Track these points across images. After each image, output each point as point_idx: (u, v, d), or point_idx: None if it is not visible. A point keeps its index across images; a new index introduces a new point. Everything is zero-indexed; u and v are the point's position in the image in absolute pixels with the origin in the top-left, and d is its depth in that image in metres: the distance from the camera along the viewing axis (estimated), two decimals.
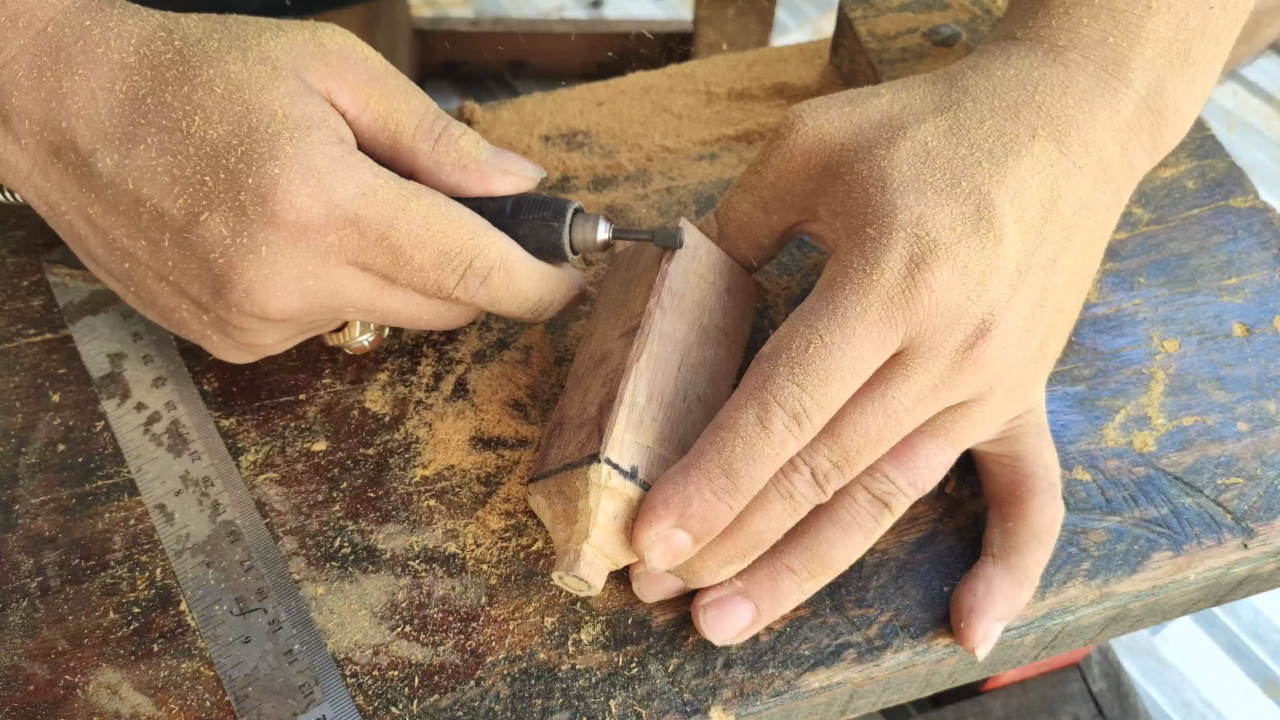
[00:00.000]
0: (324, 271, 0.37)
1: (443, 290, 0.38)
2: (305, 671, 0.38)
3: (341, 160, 0.36)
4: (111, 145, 0.36)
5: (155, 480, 0.42)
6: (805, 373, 0.34)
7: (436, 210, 0.37)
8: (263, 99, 0.36)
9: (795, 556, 0.37)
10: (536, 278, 0.40)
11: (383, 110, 0.39)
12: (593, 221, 0.40)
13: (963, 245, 0.35)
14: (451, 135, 0.39)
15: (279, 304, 0.37)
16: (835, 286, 0.35)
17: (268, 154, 0.35)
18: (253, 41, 0.37)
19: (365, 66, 0.39)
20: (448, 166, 0.39)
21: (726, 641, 0.38)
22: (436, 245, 0.37)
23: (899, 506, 0.38)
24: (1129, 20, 0.39)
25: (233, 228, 0.36)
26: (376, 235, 0.36)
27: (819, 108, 0.40)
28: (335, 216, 0.36)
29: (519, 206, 0.40)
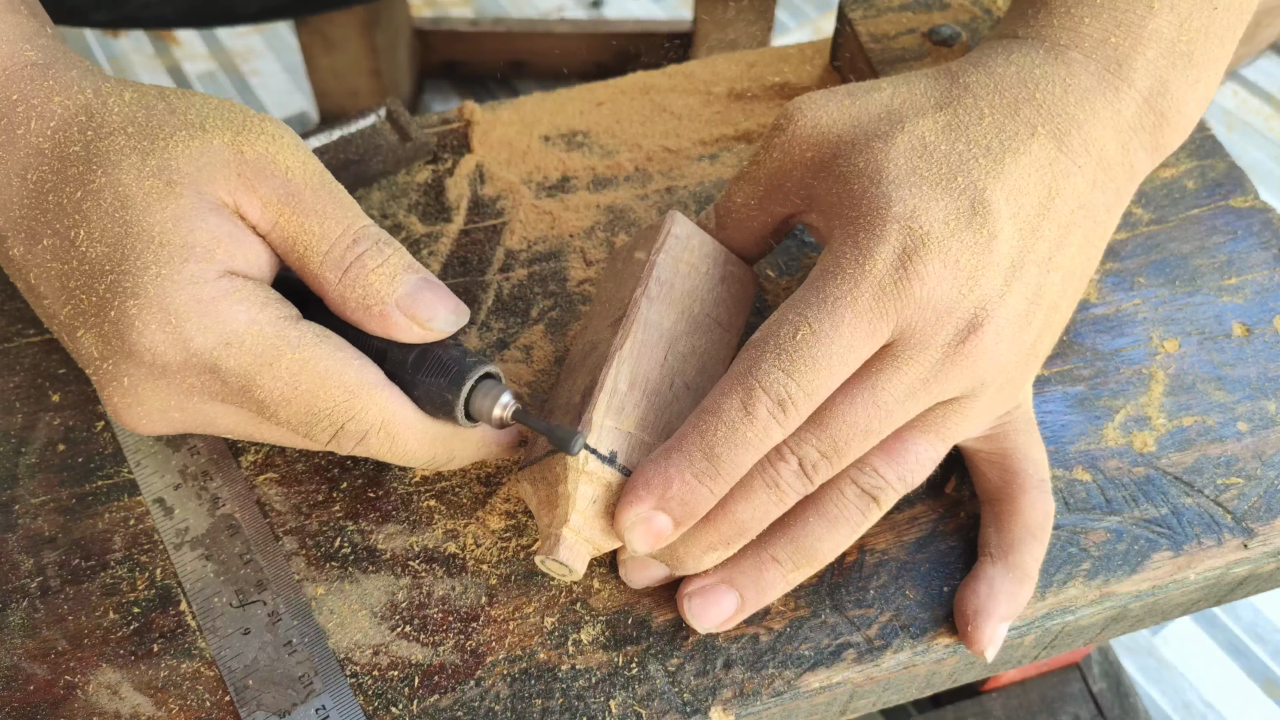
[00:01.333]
0: (188, 406, 0.36)
1: (315, 444, 0.37)
2: (304, 663, 0.38)
3: (211, 302, 0.34)
4: (19, 236, 0.36)
5: (154, 475, 0.42)
6: (792, 359, 0.34)
7: (310, 367, 0.35)
8: (144, 221, 0.34)
9: (781, 547, 0.37)
10: (426, 438, 0.37)
11: (292, 231, 0.36)
12: (494, 396, 0.36)
13: (955, 239, 0.35)
14: (364, 268, 0.36)
15: (147, 428, 0.37)
16: (827, 276, 0.36)
17: (130, 289, 0.34)
18: (160, 144, 0.35)
19: (283, 179, 0.36)
20: (351, 304, 0.36)
21: (710, 629, 0.38)
22: (303, 404, 0.35)
23: (886, 501, 0.38)
24: (1131, 20, 0.38)
25: (101, 351, 0.35)
26: (238, 386, 0.35)
27: (819, 100, 0.40)
28: (192, 363, 0.34)
29: (421, 361, 0.37)
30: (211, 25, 1.16)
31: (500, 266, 0.49)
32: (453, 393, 0.36)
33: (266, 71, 1.51)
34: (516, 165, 0.52)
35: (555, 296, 0.48)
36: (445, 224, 0.50)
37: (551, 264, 0.49)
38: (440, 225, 0.50)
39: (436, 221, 0.50)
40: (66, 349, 0.38)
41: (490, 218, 0.51)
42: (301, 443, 0.38)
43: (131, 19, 0.84)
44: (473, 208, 0.51)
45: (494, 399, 0.36)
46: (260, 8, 0.86)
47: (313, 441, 0.37)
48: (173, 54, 1.53)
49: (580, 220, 0.50)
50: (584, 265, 0.49)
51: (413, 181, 0.52)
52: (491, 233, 0.50)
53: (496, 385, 0.37)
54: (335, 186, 0.37)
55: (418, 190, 0.51)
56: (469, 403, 0.36)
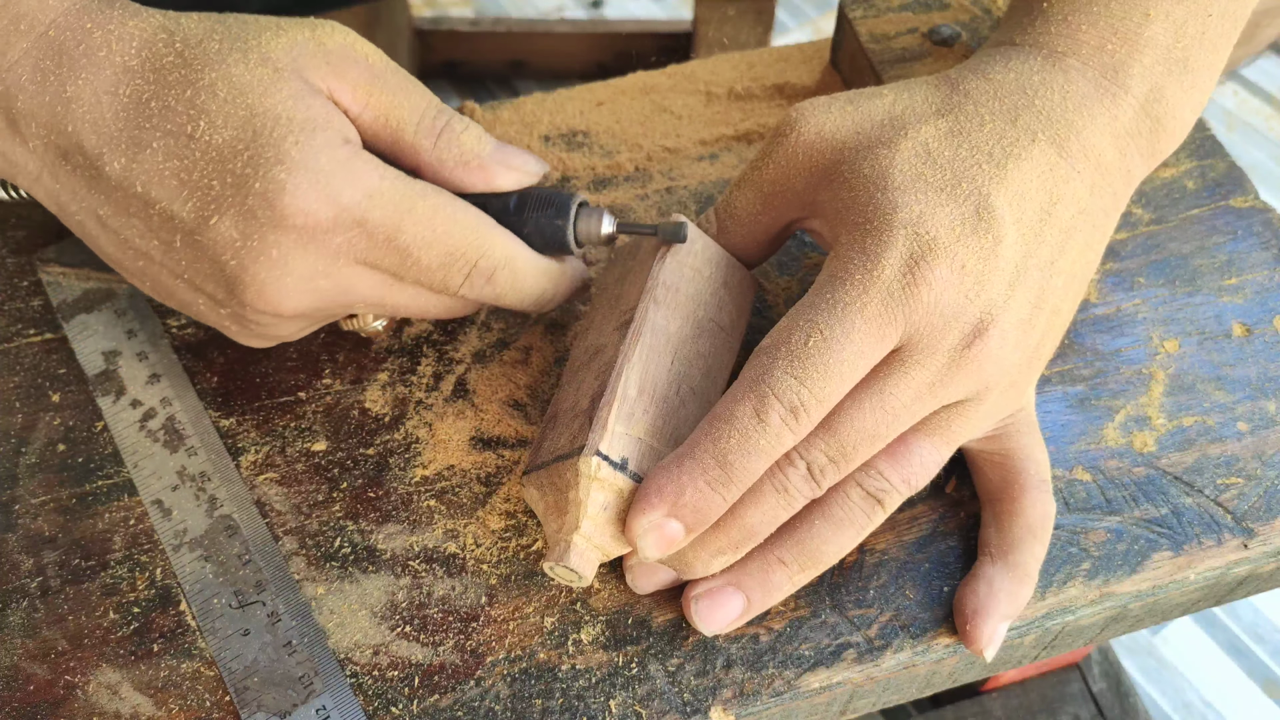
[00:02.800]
0: (333, 271, 0.37)
1: (449, 288, 0.39)
2: (305, 663, 0.38)
3: (347, 162, 0.36)
4: (118, 149, 0.36)
5: (152, 476, 0.42)
6: (804, 366, 0.34)
7: (442, 211, 0.37)
8: (266, 102, 0.36)
9: (787, 549, 0.38)
10: (540, 273, 0.40)
11: (384, 108, 0.39)
12: (597, 216, 0.40)
13: (961, 245, 0.35)
14: (453, 131, 0.39)
15: (291, 302, 0.38)
16: (835, 282, 0.36)
17: (273, 158, 0.35)
18: (253, 42, 0.37)
19: (366, 64, 0.38)
20: (450, 164, 0.39)
21: (717, 631, 0.38)
22: (442, 246, 0.37)
23: (891, 503, 0.38)
24: (1127, 27, 0.39)
25: (242, 231, 0.36)
26: (384, 237, 0.37)
27: (821, 106, 0.40)
28: (342, 219, 0.36)
29: (523, 202, 0.40)
30: None
31: None
32: (562, 218, 0.40)
33: None
34: None
35: None
36: None
37: None
38: None
39: None
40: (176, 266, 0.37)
41: None
42: (434, 302, 0.40)
43: None
44: None
45: (598, 218, 0.40)
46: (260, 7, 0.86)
47: (446, 287, 0.39)
48: None
49: None
50: (584, 265, 0.49)
51: None
52: None
53: (595, 209, 0.41)
54: (405, 72, 0.40)
55: None
56: (575, 227, 0.40)
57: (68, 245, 0.48)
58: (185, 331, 0.46)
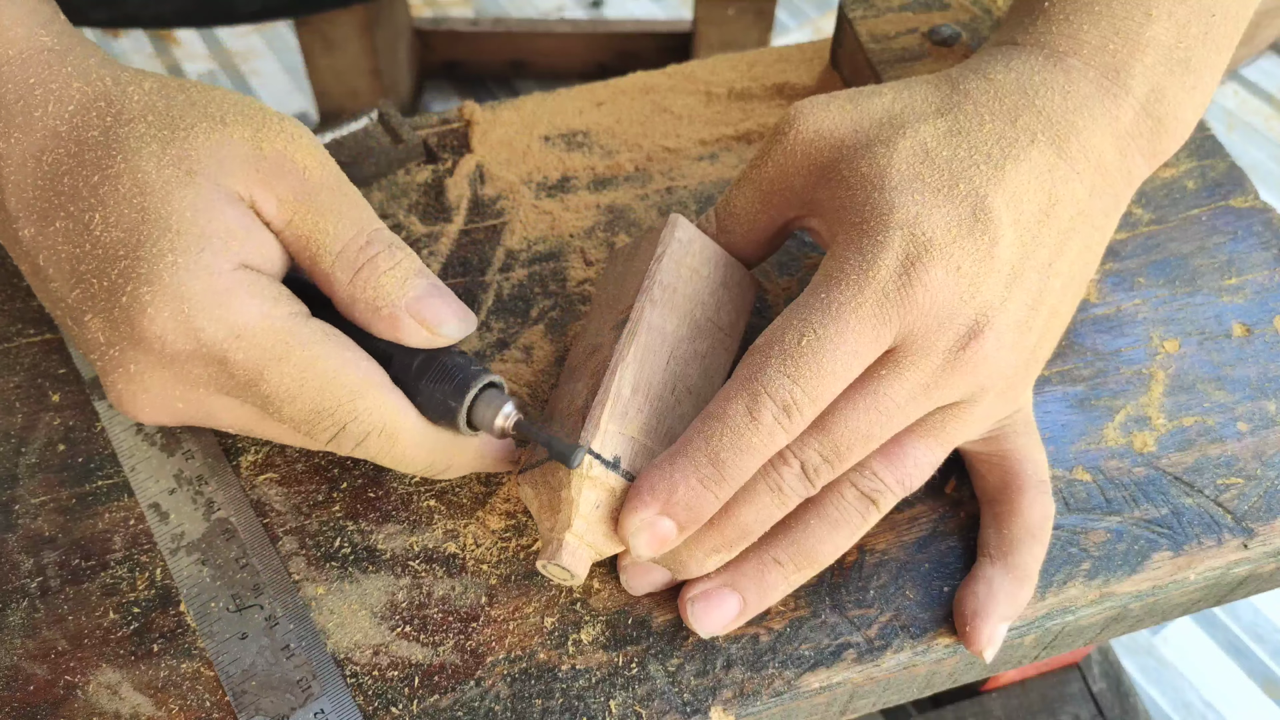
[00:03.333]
0: (192, 397, 0.36)
1: (315, 443, 0.37)
2: (303, 666, 0.38)
3: (223, 293, 0.34)
4: (30, 218, 0.36)
5: (149, 479, 0.42)
6: (797, 365, 0.34)
7: (316, 365, 0.35)
8: (162, 208, 0.34)
9: (782, 549, 0.38)
10: (425, 446, 0.37)
11: (306, 229, 0.36)
12: (495, 407, 0.36)
13: (957, 246, 0.35)
14: (375, 269, 0.36)
15: (149, 416, 0.37)
16: (831, 282, 0.36)
17: (145, 275, 0.34)
18: (181, 134, 0.35)
19: (300, 178, 0.36)
20: (360, 305, 0.36)
21: (714, 633, 0.38)
22: (308, 402, 0.35)
23: (886, 504, 0.38)
24: (1129, 27, 0.39)
25: (108, 338, 0.35)
26: (245, 380, 0.35)
27: (820, 104, 0.40)
28: (201, 354, 0.34)
29: (426, 367, 0.37)
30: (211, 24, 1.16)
31: (500, 266, 0.49)
32: (456, 400, 0.36)
33: (266, 71, 1.51)
34: (516, 165, 0.52)
35: (555, 296, 0.48)
36: (445, 224, 0.50)
37: (551, 264, 0.49)
38: (440, 225, 0.50)
39: (436, 221, 0.50)
40: (69, 336, 0.38)
41: (490, 218, 0.51)
42: (301, 441, 0.38)
43: (130, 18, 0.84)
44: (473, 208, 0.51)
45: (496, 409, 0.36)
46: (260, 7, 0.86)
47: (313, 441, 0.37)
48: (173, 54, 1.53)
49: (580, 220, 0.50)
50: (584, 265, 0.49)
51: (413, 181, 0.52)
52: (491, 233, 0.50)
53: (499, 395, 0.37)
54: (350, 188, 0.37)
55: (418, 190, 0.51)
56: (471, 411, 0.37)
57: None
58: None
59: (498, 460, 0.40)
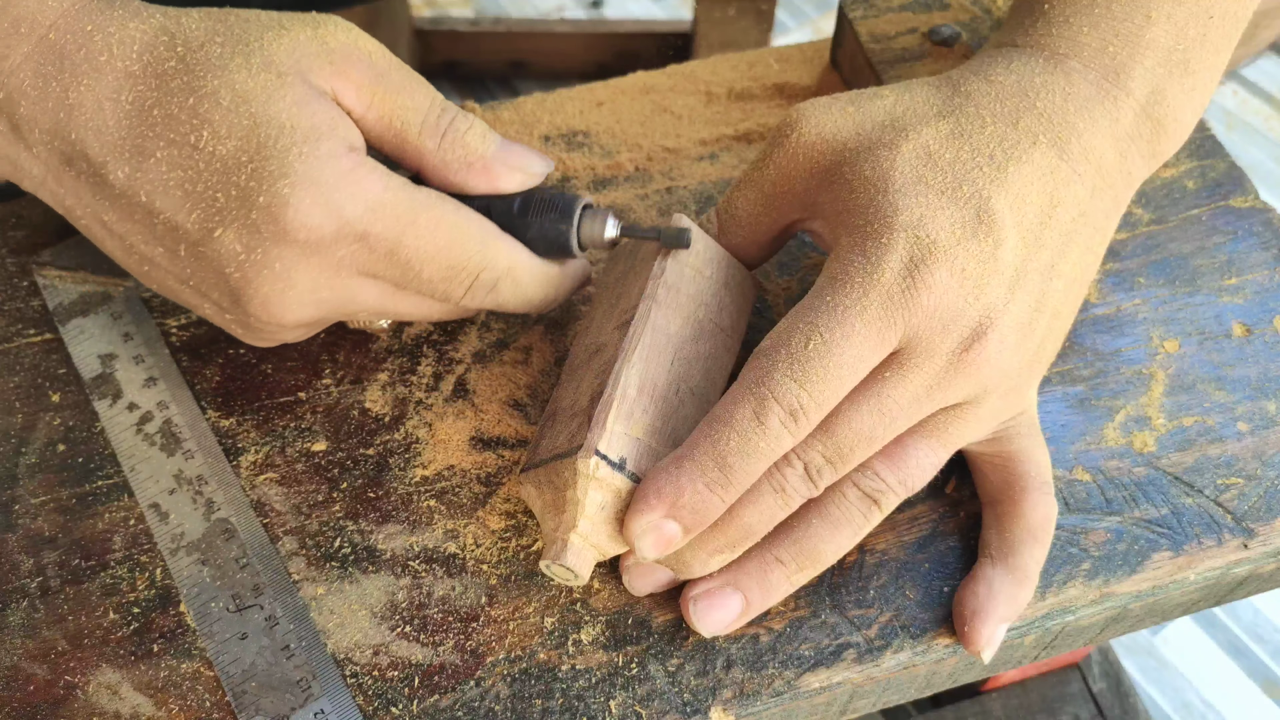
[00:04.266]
0: (336, 283, 0.37)
1: (451, 299, 0.39)
2: (303, 667, 0.38)
3: (350, 174, 0.36)
4: (122, 157, 0.36)
5: (149, 480, 0.42)
6: (804, 369, 0.34)
7: (444, 223, 0.37)
8: (269, 110, 0.36)
9: (785, 549, 0.38)
10: (543, 280, 0.40)
11: (387, 109, 0.38)
12: (601, 219, 0.40)
13: (961, 248, 0.35)
14: (457, 131, 0.39)
15: (294, 314, 0.38)
16: (836, 285, 0.36)
17: (277, 171, 0.35)
18: (256, 45, 0.37)
19: (369, 63, 0.38)
20: (454, 165, 0.39)
21: (716, 632, 0.38)
22: (444, 259, 0.37)
23: (888, 504, 0.38)
24: (1129, 29, 0.39)
25: (246, 244, 0.36)
26: (386, 250, 0.37)
27: (822, 107, 0.40)
28: (345, 233, 0.36)
29: (527, 205, 0.40)
30: None
31: None
32: (565, 224, 0.40)
33: None
34: None
35: None
36: None
37: None
38: None
39: None
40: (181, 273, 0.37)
41: None
42: (436, 309, 0.40)
43: None
44: None
45: (601, 221, 0.40)
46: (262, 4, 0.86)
47: (449, 298, 0.39)
48: None
49: None
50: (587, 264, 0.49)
51: None
52: None
53: (599, 211, 0.40)
54: (409, 69, 0.39)
55: None
56: (580, 231, 0.40)
57: (63, 249, 0.48)
58: (184, 333, 0.46)
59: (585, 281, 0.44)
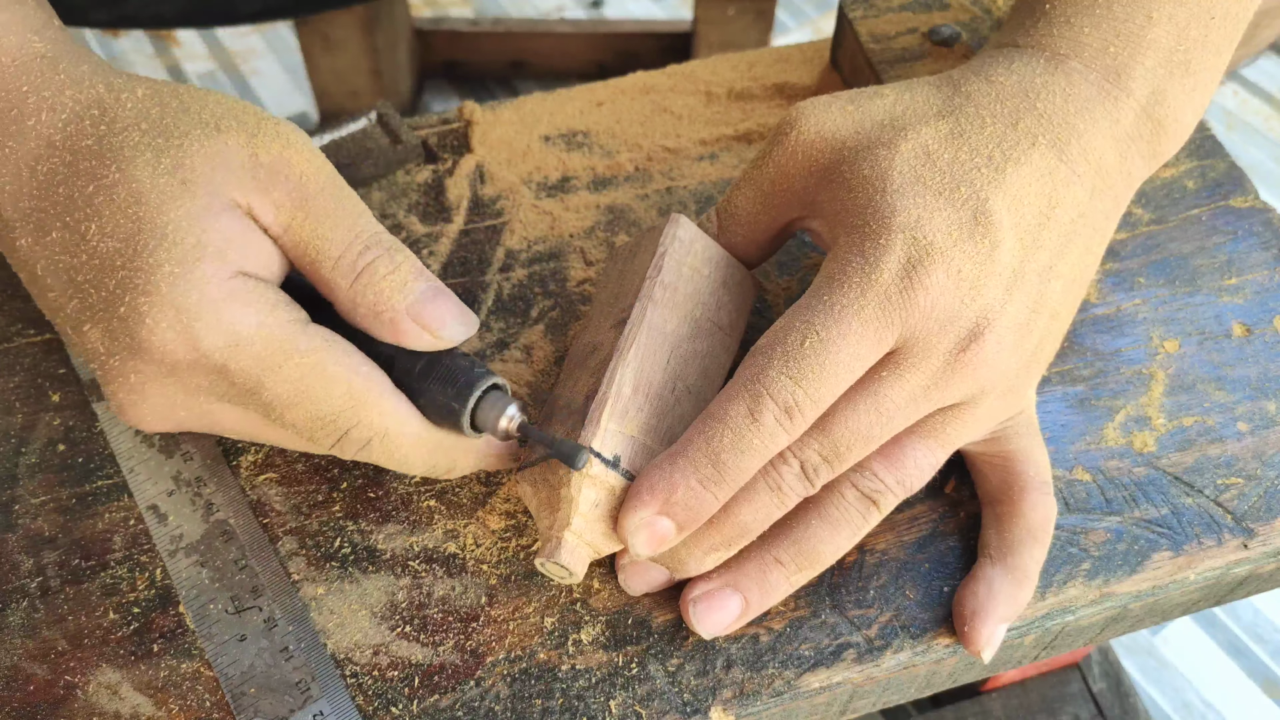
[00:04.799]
0: (194, 405, 0.36)
1: (318, 448, 0.37)
2: (302, 668, 0.38)
3: (220, 302, 0.34)
4: (26, 228, 0.36)
5: (147, 481, 0.42)
6: (800, 367, 0.34)
7: (315, 373, 0.35)
8: (158, 218, 0.34)
9: (784, 549, 0.38)
10: (427, 448, 0.37)
11: (305, 236, 0.36)
12: (499, 408, 0.36)
13: (958, 249, 0.35)
14: (375, 274, 0.36)
15: (151, 424, 0.37)
16: (833, 284, 0.36)
17: (143, 285, 0.34)
18: (176, 142, 0.35)
19: (297, 184, 0.36)
20: (361, 310, 0.36)
21: (715, 633, 0.38)
22: (309, 409, 0.35)
23: (886, 505, 0.38)
24: (1130, 30, 0.39)
25: (107, 347, 0.35)
26: (245, 388, 0.35)
27: (822, 106, 0.40)
28: (201, 364, 0.34)
29: (430, 369, 0.37)
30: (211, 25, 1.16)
31: (500, 266, 0.49)
32: (459, 403, 0.36)
33: (266, 71, 1.51)
34: (516, 165, 0.52)
35: (555, 296, 0.48)
36: (445, 224, 0.50)
37: (551, 264, 0.49)
38: (440, 225, 0.50)
39: (436, 221, 0.50)
40: (69, 344, 0.38)
41: (490, 218, 0.51)
42: (304, 446, 0.38)
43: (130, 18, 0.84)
44: (473, 208, 0.51)
45: (500, 410, 0.36)
46: (260, 7, 0.86)
47: (316, 446, 0.37)
48: (173, 54, 1.53)
49: (580, 220, 0.50)
50: (584, 265, 0.49)
51: (413, 182, 0.52)
52: (491, 233, 0.50)
53: (503, 397, 0.37)
54: (347, 191, 0.37)
55: (418, 190, 0.51)
56: (475, 414, 0.36)
57: None
58: None
59: (500, 459, 0.40)
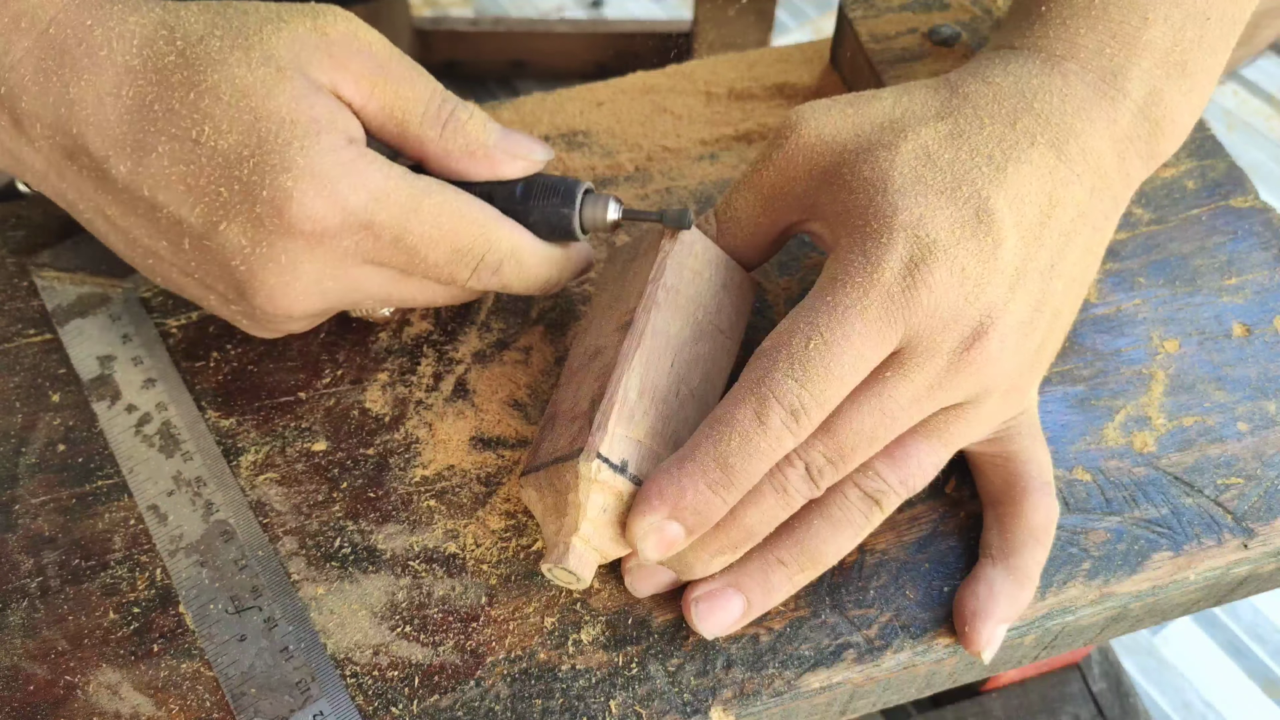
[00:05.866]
0: (342, 272, 0.38)
1: (456, 281, 0.40)
2: (302, 668, 0.38)
3: (352, 164, 0.36)
4: (124, 152, 0.36)
5: (147, 481, 0.42)
6: (805, 369, 0.34)
7: (447, 208, 0.38)
8: (269, 105, 0.36)
9: (786, 550, 0.38)
10: (546, 261, 0.41)
11: (388, 99, 0.38)
12: (603, 203, 0.41)
13: (961, 247, 0.35)
14: (458, 120, 0.39)
15: (301, 305, 0.38)
16: (836, 285, 0.36)
17: (279, 165, 0.35)
18: (255, 39, 0.37)
19: (369, 54, 0.38)
20: (455, 154, 0.39)
21: (717, 633, 0.38)
22: (448, 243, 0.38)
23: (889, 505, 0.38)
24: (1126, 31, 0.39)
25: (251, 237, 0.36)
26: (390, 237, 0.37)
27: (821, 109, 0.40)
28: (349, 223, 0.36)
29: (529, 190, 0.40)
30: None
31: None
32: (568, 207, 0.40)
33: None
34: None
35: (555, 297, 0.48)
36: None
37: None
38: None
39: None
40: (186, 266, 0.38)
41: None
42: (441, 293, 0.41)
43: None
44: None
45: (603, 205, 0.41)
46: None
47: (454, 281, 0.40)
48: None
49: None
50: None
51: None
52: None
53: (600, 196, 0.41)
54: (408, 58, 0.39)
55: None
56: (581, 215, 0.41)
57: (62, 250, 0.48)
58: (184, 334, 0.46)
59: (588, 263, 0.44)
